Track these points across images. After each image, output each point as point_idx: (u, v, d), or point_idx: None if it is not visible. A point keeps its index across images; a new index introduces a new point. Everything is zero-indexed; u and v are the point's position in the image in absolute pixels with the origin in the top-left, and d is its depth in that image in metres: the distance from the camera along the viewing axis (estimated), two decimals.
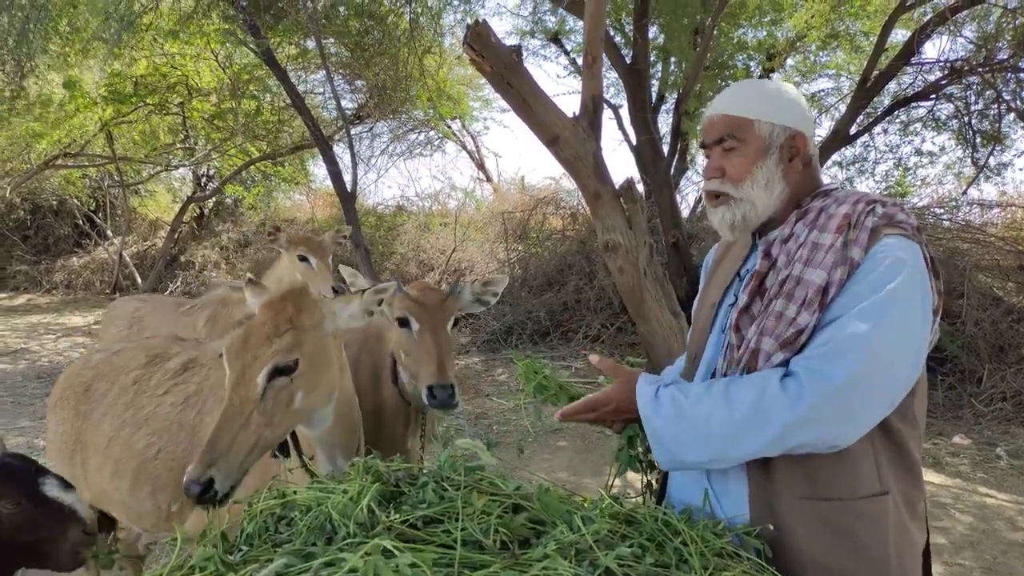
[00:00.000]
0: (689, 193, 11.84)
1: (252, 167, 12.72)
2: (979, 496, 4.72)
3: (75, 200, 14.93)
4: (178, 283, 13.32)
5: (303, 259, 4.37)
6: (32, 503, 1.56)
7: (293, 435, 1.89)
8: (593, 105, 3.05)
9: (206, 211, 15.67)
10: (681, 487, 1.69)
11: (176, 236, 13.89)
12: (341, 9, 8.61)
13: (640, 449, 1.78)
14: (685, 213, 10.42)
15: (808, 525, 1.49)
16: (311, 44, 9.18)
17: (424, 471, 1.52)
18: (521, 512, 1.41)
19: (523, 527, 1.38)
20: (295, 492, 1.55)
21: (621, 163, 30.71)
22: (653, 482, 1.84)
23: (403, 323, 2.47)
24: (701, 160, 11.17)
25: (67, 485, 1.63)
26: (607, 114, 10.50)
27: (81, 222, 15.35)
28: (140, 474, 2.15)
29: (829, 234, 1.50)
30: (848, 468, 1.48)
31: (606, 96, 10.35)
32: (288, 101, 9.61)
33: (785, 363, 1.47)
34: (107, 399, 2.24)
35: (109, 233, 14.56)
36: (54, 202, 15.27)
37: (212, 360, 2.22)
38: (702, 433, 1.49)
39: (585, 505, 1.51)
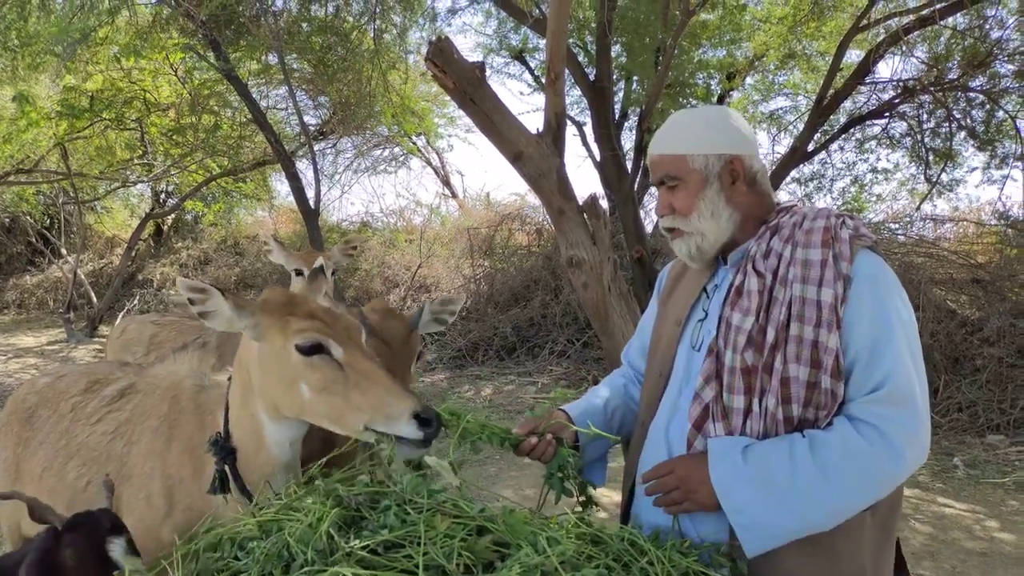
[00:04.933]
0: (653, 208, 11.96)
1: (213, 183, 12.51)
2: (937, 506, 4.79)
3: (28, 217, 14.53)
4: (135, 301, 13.00)
5: (299, 273, 4.39)
6: (93, 559, 1.57)
7: (234, 469, 1.82)
8: (556, 122, 3.06)
9: (164, 228, 15.36)
10: (649, 509, 1.68)
11: (133, 254, 13.58)
12: (304, 25, 8.55)
13: (571, 472, 1.76)
14: (649, 228, 10.52)
15: (793, 543, 1.50)
16: (273, 59, 9.09)
17: (386, 494, 1.48)
18: (486, 534, 1.39)
19: (487, 550, 1.35)
20: (253, 516, 1.50)
21: (585, 179, 30.99)
22: (588, 501, 1.83)
23: None
24: None
25: (133, 551, 1.61)
26: (571, 130, 10.59)
27: (34, 240, 14.94)
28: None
29: (816, 249, 1.53)
30: None
31: (570, 113, 10.44)
32: (249, 116, 9.49)
33: (834, 395, 1.49)
34: (46, 426, 2.14)
35: (64, 251, 14.18)
36: (6, 219, 14.86)
37: (148, 386, 2.14)
38: (798, 502, 1.47)
39: (551, 525, 1.49)
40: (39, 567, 1.56)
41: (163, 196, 14.80)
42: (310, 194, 8.77)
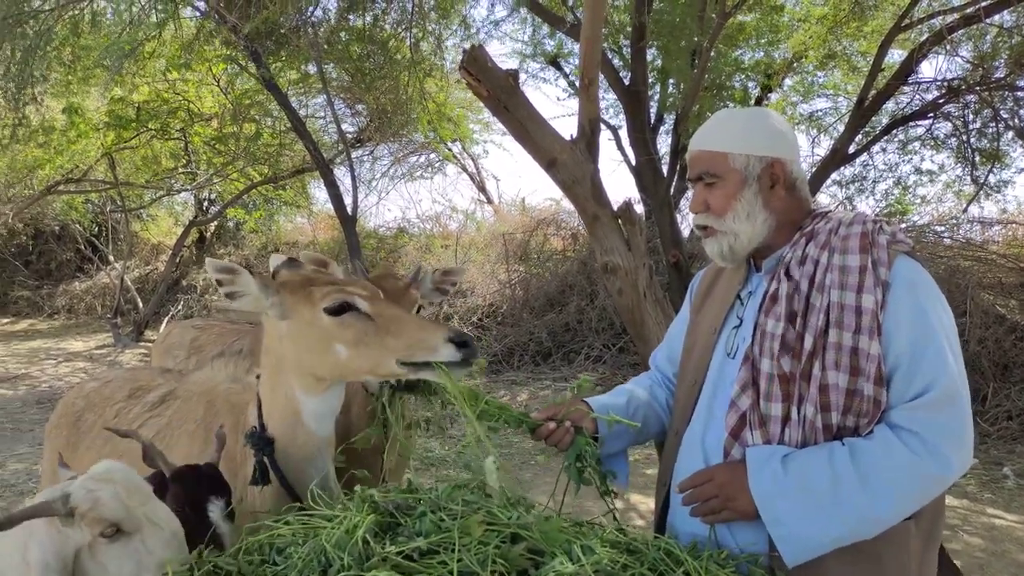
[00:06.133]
0: (689, 213, 11.82)
1: (254, 191, 12.77)
2: (987, 517, 4.66)
3: (77, 225, 14.98)
4: (180, 307, 13.32)
5: None
6: (193, 514, 1.62)
7: (272, 459, 1.86)
8: (590, 128, 3.05)
9: (207, 235, 15.71)
10: (685, 518, 1.67)
11: (177, 260, 13.92)
12: (342, 35, 8.68)
13: (590, 462, 1.75)
14: (686, 233, 10.42)
15: (835, 551, 1.48)
16: (312, 69, 9.25)
17: (421, 500, 1.50)
18: (520, 542, 1.39)
19: (521, 557, 1.35)
20: (287, 522, 1.53)
21: (621, 183, 30.84)
22: (611, 495, 1.82)
23: None
24: None
25: (230, 515, 1.67)
26: (606, 135, 10.55)
27: (83, 247, 15.39)
28: None
29: (855, 255, 1.51)
30: None
31: (605, 117, 10.39)
32: (289, 125, 9.67)
33: (877, 402, 1.47)
34: (92, 431, 2.22)
35: (111, 258, 14.59)
36: (56, 227, 15.33)
37: (186, 392, 2.20)
38: (840, 511, 1.45)
39: (586, 534, 1.49)
40: None
41: (206, 204, 15.14)
42: (348, 201, 8.89)
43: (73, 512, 1.35)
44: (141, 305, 12.98)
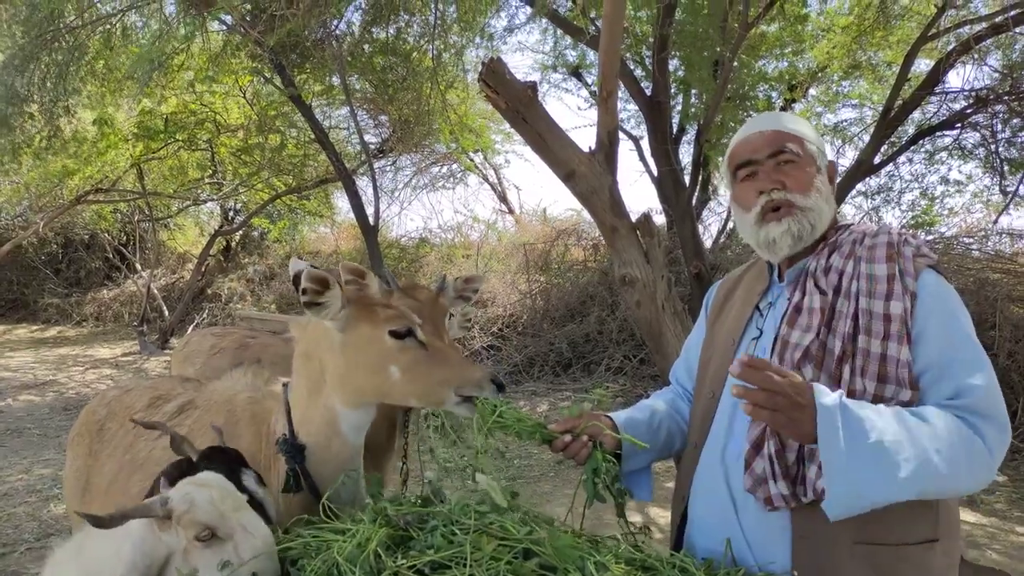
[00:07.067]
0: (712, 223, 11.80)
1: (278, 201, 12.93)
2: (1016, 536, 4.55)
3: (106, 234, 15.26)
4: (205, 315, 13.49)
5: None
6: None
7: (303, 466, 1.87)
8: (609, 140, 3.05)
9: (233, 244, 15.92)
10: (703, 531, 1.64)
11: (203, 269, 14.11)
12: (365, 47, 8.78)
13: (607, 478, 1.72)
14: (707, 243, 10.36)
15: (856, 569, 1.45)
16: (336, 80, 9.36)
17: (434, 514, 1.49)
18: (532, 557, 1.38)
19: (533, 574, 1.35)
20: (300, 535, 1.54)
21: (642, 194, 30.77)
22: (625, 516, 1.79)
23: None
24: (723, 191, 11.13)
25: (260, 481, 1.73)
26: (628, 145, 10.54)
27: (111, 255, 15.67)
28: None
29: (882, 264, 1.50)
30: (907, 514, 1.44)
31: (627, 127, 10.39)
32: (313, 136, 9.78)
33: (909, 403, 1.42)
34: (114, 440, 2.24)
35: (138, 266, 14.83)
36: (86, 236, 15.63)
37: (205, 402, 2.21)
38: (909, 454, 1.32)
39: (600, 550, 1.47)
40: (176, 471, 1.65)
41: (231, 214, 15.36)
42: (370, 211, 8.96)
43: (171, 514, 1.42)
44: (167, 313, 13.17)
